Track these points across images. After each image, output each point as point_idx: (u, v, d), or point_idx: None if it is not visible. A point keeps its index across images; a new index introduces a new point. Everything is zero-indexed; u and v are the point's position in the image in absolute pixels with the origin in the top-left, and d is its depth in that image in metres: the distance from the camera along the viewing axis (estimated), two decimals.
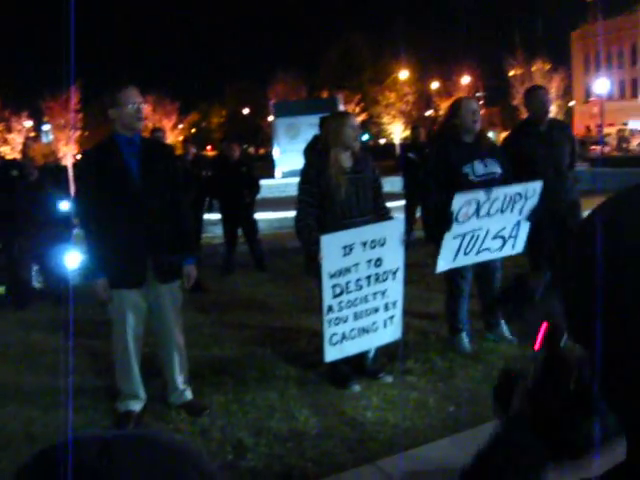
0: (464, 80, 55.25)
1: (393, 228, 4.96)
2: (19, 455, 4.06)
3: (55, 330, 6.56)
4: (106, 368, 5.30)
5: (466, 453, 1.23)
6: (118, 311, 4.55)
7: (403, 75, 55.45)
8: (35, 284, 8.70)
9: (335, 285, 4.68)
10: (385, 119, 56.48)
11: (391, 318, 5.04)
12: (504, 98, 53.89)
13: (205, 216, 10.78)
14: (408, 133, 28.44)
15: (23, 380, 5.49)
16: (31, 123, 50.02)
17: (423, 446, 3.99)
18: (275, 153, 27.61)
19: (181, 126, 66.27)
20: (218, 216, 10.37)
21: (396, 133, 55.63)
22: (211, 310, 7.51)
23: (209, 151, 63.68)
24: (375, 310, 4.94)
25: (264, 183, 11.27)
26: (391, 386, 4.95)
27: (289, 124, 26.01)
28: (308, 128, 18.61)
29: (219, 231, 10.87)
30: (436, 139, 6.40)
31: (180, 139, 52.59)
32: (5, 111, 45.07)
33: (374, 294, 4.90)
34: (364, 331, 4.91)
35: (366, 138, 50.44)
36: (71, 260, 8.40)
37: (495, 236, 5.41)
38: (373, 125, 57.47)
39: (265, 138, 58.41)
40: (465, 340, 5.67)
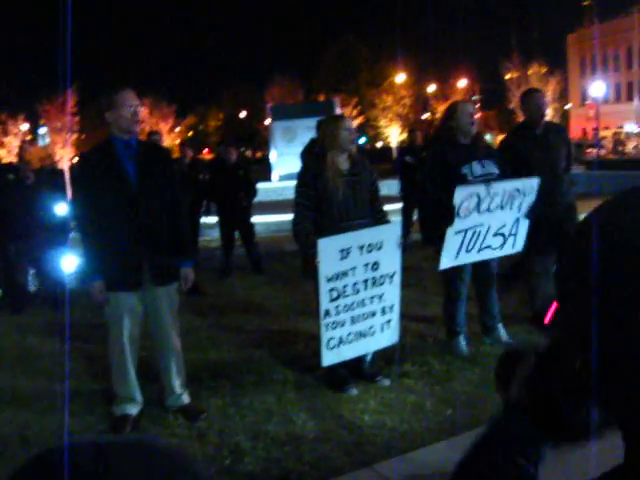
0: (461, 83, 55.38)
1: (390, 232, 4.96)
2: (15, 459, 4.04)
3: (51, 334, 6.55)
4: (102, 372, 5.29)
5: None
6: (114, 314, 4.53)
7: (400, 78, 55.52)
8: (31, 288, 8.68)
9: (332, 289, 4.67)
10: (382, 122, 56.54)
11: (388, 322, 5.04)
12: (500, 101, 54.03)
13: (202, 219, 10.77)
14: (405, 136, 28.49)
15: (19, 384, 5.47)
16: (28, 126, 49.98)
17: (420, 449, 3.99)
18: (272, 156, 27.59)
19: (178, 129, 66.27)
20: (215, 219, 10.36)
21: (393, 136, 55.70)
22: (208, 313, 7.50)
23: (206, 154, 63.73)
24: (372, 314, 4.93)
25: (261, 186, 11.27)
26: (388, 389, 4.95)
27: (286, 127, 26.00)
28: (305, 131, 18.61)
29: (216, 234, 10.86)
30: (433, 141, 6.41)
31: (177, 142, 52.58)
32: (1, 114, 44.99)
33: (371, 298, 4.89)
34: (361, 335, 4.91)
35: (363, 141, 50.53)
36: (67, 264, 8.38)
37: (496, 233, 5.43)
38: (370, 128, 57.53)
39: (262, 141, 58.42)
40: (462, 343, 5.66)
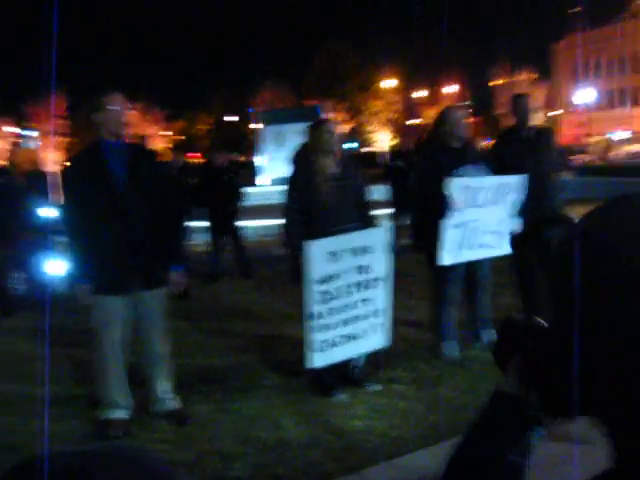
0: (450, 89, 55.62)
1: (381, 235, 4.96)
2: (0, 465, 4.00)
3: (37, 338, 6.49)
4: (87, 376, 5.24)
5: None
6: (102, 318, 4.49)
7: (389, 84, 55.72)
8: (18, 291, 8.62)
9: (322, 291, 4.65)
10: (371, 127, 56.69)
11: (379, 325, 5.02)
12: (488, 108, 54.27)
13: (190, 224, 10.73)
14: (395, 142, 28.59)
15: (4, 388, 5.42)
16: (16, 129, 49.79)
17: (409, 455, 3.98)
18: (260, 161, 27.60)
19: (169, 133, 66.19)
20: (202, 224, 10.33)
21: (382, 141, 55.83)
22: (196, 318, 7.47)
23: (193, 157, 63.65)
24: (363, 317, 4.92)
25: (249, 191, 11.26)
26: (377, 395, 4.93)
27: (275, 132, 26.01)
28: (294, 136, 18.61)
29: (203, 239, 10.83)
30: (425, 146, 6.42)
31: (168, 146, 52.54)
32: None
33: (363, 301, 4.88)
34: (351, 338, 4.88)
35: (354, 146, 50.65)
36: (54, 267, 8.33)
37: (492, 231, 5.46)
38: (360, 133, 57.67)
39: (248, 145, 58.49)
40: (452, 348, 5.66)
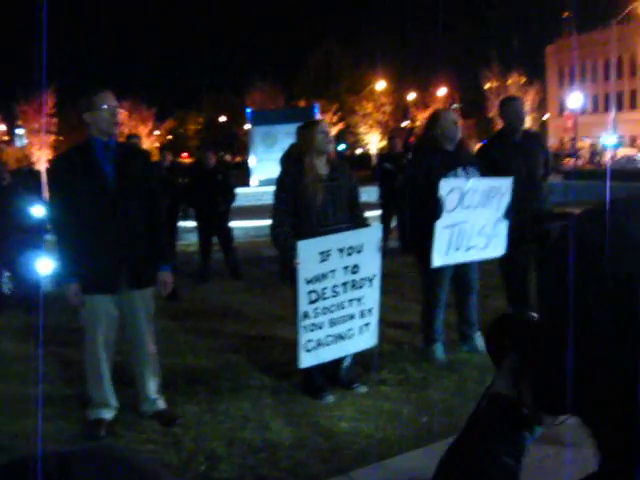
0: (440, 92, 55.69)
1: (370, 235, 4.96)
2: None
3: (26, 337, 6.47)
4: (77, 376, 5.23)
5: None
6: (90, 317, 4.48)
7: (380, 86, 55.73)
8: (6, 290, 8.58)
9: (311, 291, 4.66)
10: (362, 129, 56.68)
11: (367, 325, 5.03)
12: (479, 111, 54.41)
13: (180, 224, 10.72)
14: (385, 143, 28.55)
15: None
16: (4, 127, 49.54)
17: (397, 457, 3.98)
18: (251, 161, 27.54)
19: (157, 132, 65.98)
20: (193, 224, 10.31)
21: (373, 143, 55.85)
22: (185, 318, 7.46)
23: (185, 158, 63.48)
24: (351, 317, 4.92)
25: (240, 191, 11.24)
26: (365, 396, 4.94)
27: (266, 133, 25.96)
28: (285, 137, 18.60)
29: (194, 239, 10.82)
30: (417, 149, 6.41)
31: (156, 145, 52.34)
32: None
33: (350, 301, 4.88)
34: (340, 338, 4.89)
35: (343, 148, 50.65)
36: (43, 266, 8.29)
37: (480, 233, 5.47)
38: (350, 135, 57.66)
39: (241, 146, 58.35)
40: (439, 351, 5.67)
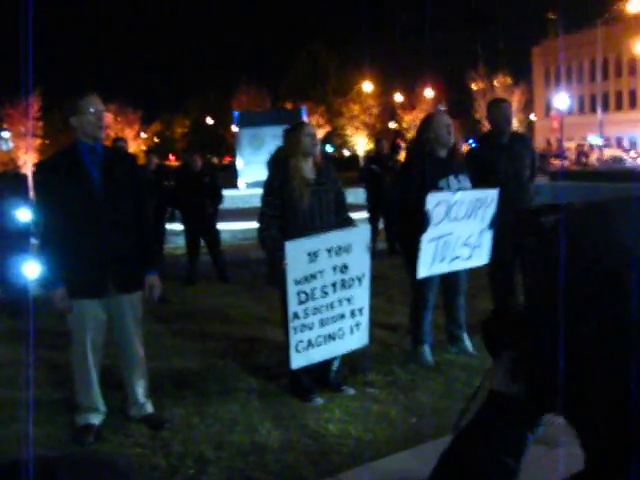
0: (427, 93, 55.84)
1: (358, 234, 4.96)
2: None
3: (13, 342, 6.44)
4: (64, 380, 5.20)
5: (428, 465, 1.22)
6: (77, 322, 4.46)
7: (367, 87, 55.81)
8: None
9: (300, 292, 4.65)
10: (349, 131, 56.75)
11: (357, 325, 5.02)
12: (466, 112, 54.57)
13: (167, 226, 10.69)
14: (371, 146, 28.58)
15: None
16: None
17: (385, 458, 3.98)
18: (238, 164, 27.49)
19: (144, 135, 65.77)
20: (180, 227, 10.29)
21: (360, 145, 55.92)
22: (173, 321, 7.44)
23: (172, 161, 63.32)
24: (341, 316, 4.90)
25: (227, 194, 11.23)
26: (353, 398, 4.94)
27: (253, 135, 25.93)
28: (272, 139, 18.59)
29: (181, 242, 10.79)
30: (409, 154, 6.38)
31: (143, 149, 52.19)
32: None
33: (340, 300, 4.87)
34: (330, 338, 4.87)
35: (331, 150, 50.65)
36: (30, 270, 8.25)
37: (464, 244, 5.46)
38: (337, 137, 57.71)
39: (229, 148, 58.25)
40: (427, 352, 5.68)
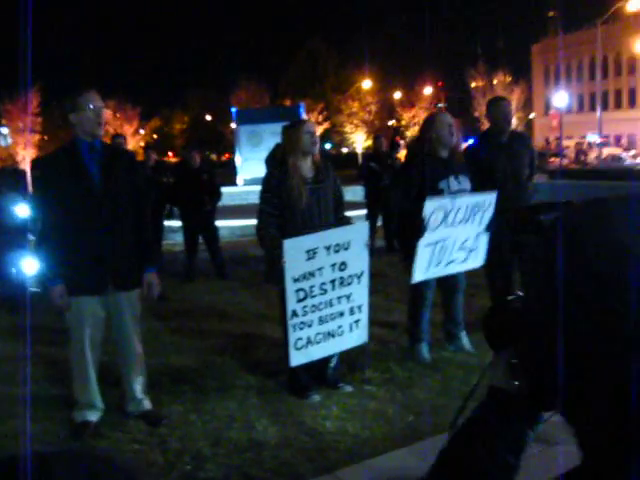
0: (426, 91, 55.80)
1: (357, 232, 4.96)
2: None
3: (11, 338, 6.44)
4: (62, 377, 5.21)
5: (425, 463, 1.23)
6: (76, 319, 4.47)
7: (366, 85, 55.76)
8: None
9: (299, 289, 4.65)
10: (347, 128, 56.69)
11: (357, 322, 5.02)
12: (465, 110, 54.54)
13: (165, 223, 10.68)
14: (371, 143, 28.54)
15: None
16: None
17: (382, 456, 4.00)
18: (237, 160, 27.45)
19: (142, 132, 65.68)
20: (179, 223, 10.28)
21: (358, 142, 55.88)
22: (171, 318, 7.45)
23: (171, 157, 63.26)
24: (340, 314, 4.91)
25: (226, 190, 11.22)
26: (351, 396, 4.95)
27: (251, 132, 25.88)
28: (270, 136, 18.57)
29: (179, 238, 10.79)
30: (411, 154, 6.36)
31: (141, 145, 52.13)
32: None
33: (339, 298, 4.87)
34: (330, 335, 4.88)
35: (328, 147, 50.63)
36: (28, 266, 8.25)
37: (461, 247, 5.46)
38: (336, 134, 57.66)
39: (228, 145, 58.20)
40: (425, 350, 5.69)
